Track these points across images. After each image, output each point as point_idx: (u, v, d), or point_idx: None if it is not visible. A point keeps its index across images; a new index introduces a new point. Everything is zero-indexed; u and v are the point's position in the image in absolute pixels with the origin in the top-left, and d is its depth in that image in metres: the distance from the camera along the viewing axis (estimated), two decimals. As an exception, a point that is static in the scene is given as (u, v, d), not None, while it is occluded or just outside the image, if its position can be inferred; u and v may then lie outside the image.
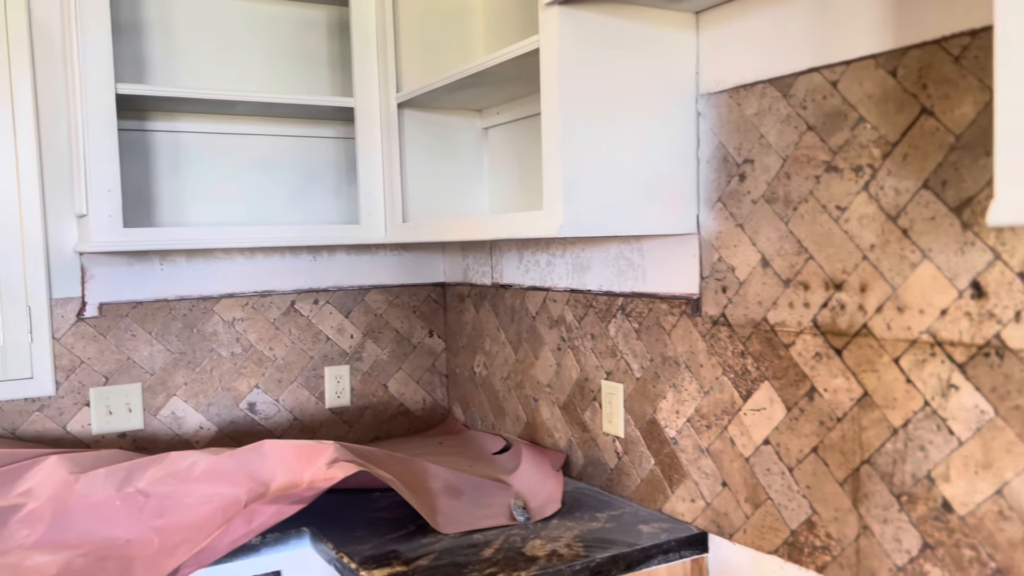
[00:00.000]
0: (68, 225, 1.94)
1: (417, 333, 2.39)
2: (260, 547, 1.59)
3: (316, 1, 2.16)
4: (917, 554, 1.16)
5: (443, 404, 2.44)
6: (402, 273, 2.36)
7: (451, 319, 2.39)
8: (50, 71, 1.90)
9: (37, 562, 1.45)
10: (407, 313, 2.37)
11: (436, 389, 2.43)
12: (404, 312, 2.37)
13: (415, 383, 2.39)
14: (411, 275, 2.38)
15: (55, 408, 1.94)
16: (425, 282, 2.40)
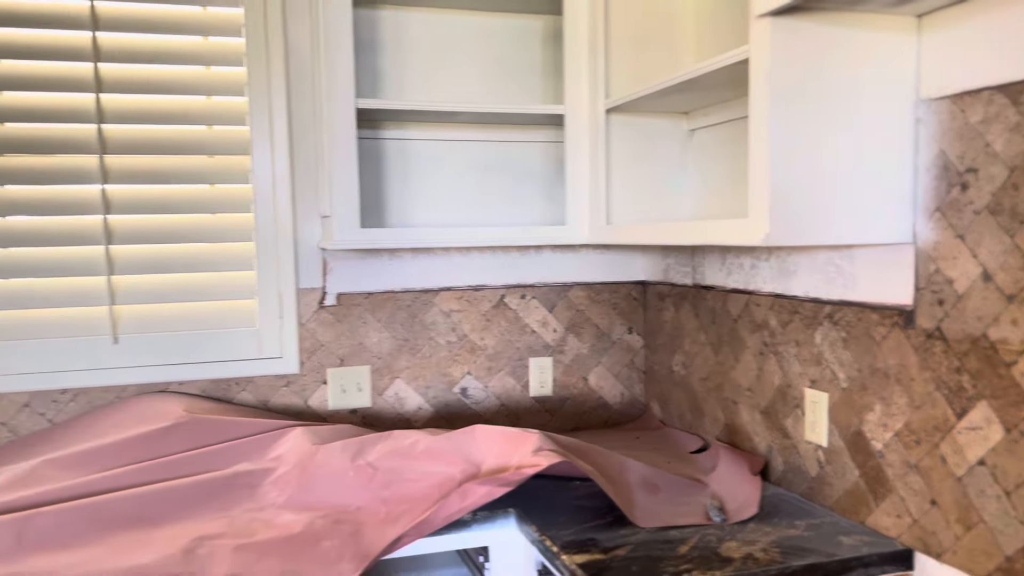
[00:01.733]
0: (313, 224, 2.20)
1: (617, 329, 2.46)
2: (471, 523, 1.73)
3: (532, 12, 2.28)
4: None
5: (640, 400, 2.50)
6: (603, 271, 2.44)
7: (650, 317, 2.44)
8: (300, 88, 2.16)
9: (286, 520, 1.68)
10: (607, 310, 2.45)
11: (634, 385, 2.49)
12: (604, 309, 2.45)
13: (613, 377, 2.47)
14: (612, 273, 2.45)
15: (299, 384, 2.21)
16: (625, 280, 2.46)
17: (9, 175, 1.97)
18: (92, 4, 1.99)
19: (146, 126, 2.05)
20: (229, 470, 1.79)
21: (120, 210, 2.04)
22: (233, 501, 1.74)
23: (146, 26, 2.03)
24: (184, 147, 2.08)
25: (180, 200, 2.09)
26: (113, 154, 2.03)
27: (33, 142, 1.98)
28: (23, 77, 1.97)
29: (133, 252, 2.06)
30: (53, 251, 2.01)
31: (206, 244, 2.12)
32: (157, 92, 2.05)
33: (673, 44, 2.07)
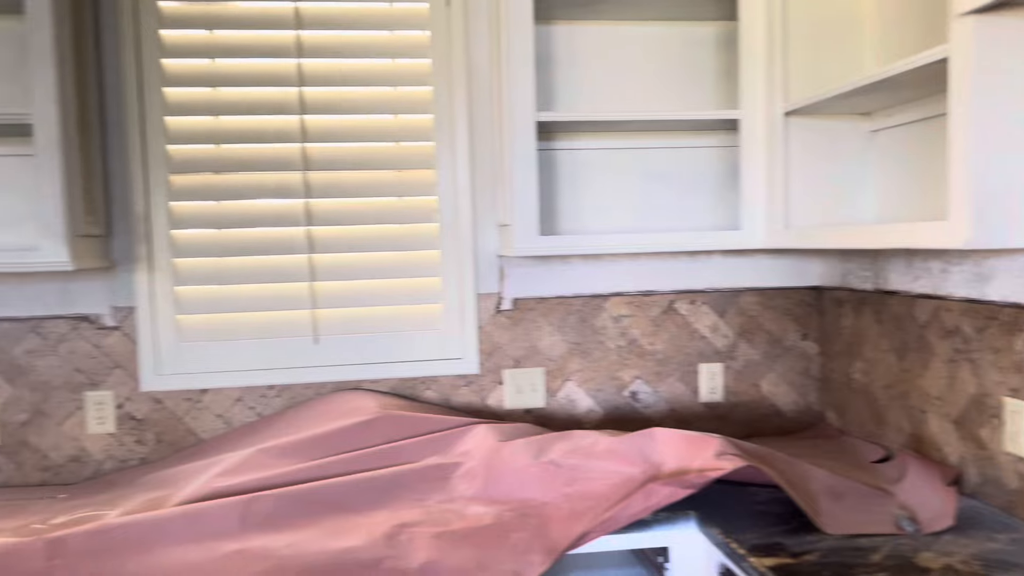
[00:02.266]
0: (490, 232, 2.31)
1: (790, 336, 2.43)
2: (652, 524, 1.77)
3: (704, 19, 2.30)
4: None
5: (815, 408, 2.45)
6: (776, 276, 2.42)
7: (827, 323, 2.39)
8: (480, 103, 2.27)
9: (476, 511, 1.78)
10: (780, 316, 2.42)
11: (808, 392, 2.44)
12: (777, 315, 2.42)
13: (787, 385, 2.43)
14: (785, 278, 2.42)
15: (478, 384, 2.32)
16: (799, 285, 2.43)
17: (227, 191, 2.19)
18: (298, 35, 2.18)
19: (342, 144, 2.23)
20: (421, 463, 1.91)
21: (320, 222, 2.22)
22: (426, 492, 1.86)
23: (342, 51, 2.21)
24: (375, 163, 2.24)
25: (372, 212, 2.25)
26: (314, 171, 2.21)
27: (247, 161, 2.19)
28: (239, 103, 2.18)
29: (331, 260, 2.24)
30: (263, 260, 2.21)
31: (395, 252, 2.27)
32: (351, 112, 2.22)
33: (853, 46, 2.04)
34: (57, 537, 1.63)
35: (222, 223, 2.20)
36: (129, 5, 2.11)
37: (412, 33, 2.25)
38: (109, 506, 1.90)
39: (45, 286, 2.14)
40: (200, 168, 2.18)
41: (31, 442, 2.15)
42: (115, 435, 2.17)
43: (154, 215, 2.16)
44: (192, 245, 2.18)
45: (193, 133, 2.17)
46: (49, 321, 2.14)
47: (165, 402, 2.19)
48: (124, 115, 2.13)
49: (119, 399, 2.17)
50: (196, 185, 2.18)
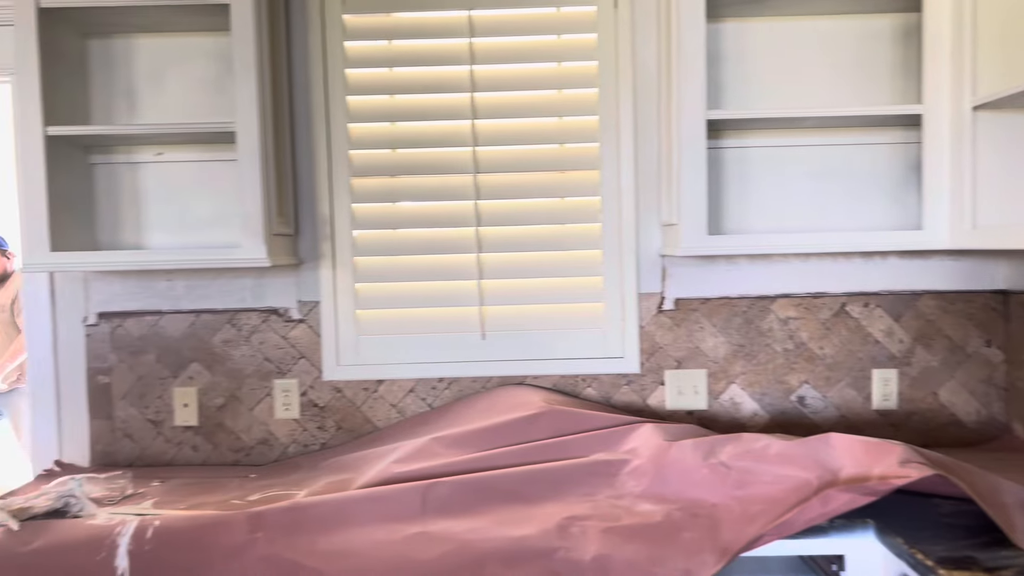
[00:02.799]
0: (652, 232, 2.31)
1: (972, 342, 2.30)
2: (828, 530, 1.73)
3: (882, 11, 2.21)
4: None
5: (1000, 419, 2.31)
6: (957, 279, 2.30)
7: (1014, 329, 2.25)
8: (645, 104, 2.28)
9: (644, 509, 1.79)
10: (961, 321, 2.30)
11: (992, 402, 2.30)
12: (958, 319, 2.30)
13: (968, 393, 2.30)
14: (967, 281, 2.30)
15: (638, 384, 2.33)
16: (983, 289, 2.29)
17: (402, 193, 2.31)
18: (470, 42, 2.27)
19: (510, 147, 2.30)
20: (589, 458, 1.95)
21: (488, 222, 2.30)
22: (595, 487, 1.89)
23: (512, 56, 2.28)
24: (541, 165, 2.30)
25: (537, 212, 2.31)
26: (484, 173, 2.29)
27: (421, 164, 2.30)
28: (414, 109, 2.29)
29: (498, 259, 2.31)
30: (435, 258, 2.31)
31: (558, 252, 2.32)
32: (519, 116, 2.29)
33: (1051, 32, 1.91)
34: (257, 512, 1.78)
35: (398, 223, 2.32)
36: (318, 20, 2.26)
37: (579, 36, 2.29)
38: (296, 487, 2.04)
39: (240, 281, 2.32)
40: (378, 172, 2.31)
41: (226, 425, 2.34)
42: (299, 421, 2.34)
43: (337, 216, 2.30)
44: (371, 244, 2.32)
45: (372, 138, 2.30)
46: (243, 313, 2.33)
47: (344, 391, 2.33)
48: (312, 122, 2.29)
49: (303, 387, 2.33)
50: (374, 188, 2.31)
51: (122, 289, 2.33)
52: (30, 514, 1.81)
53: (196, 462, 2.34)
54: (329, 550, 1.70)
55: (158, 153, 2.28)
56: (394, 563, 1.67)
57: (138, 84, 2.27)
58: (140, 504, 1.96)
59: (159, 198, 2.30)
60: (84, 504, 1.87)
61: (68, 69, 2.17)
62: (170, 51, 2.27)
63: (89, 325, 2.33)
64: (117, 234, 2.30)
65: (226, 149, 2.25)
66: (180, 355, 2.33)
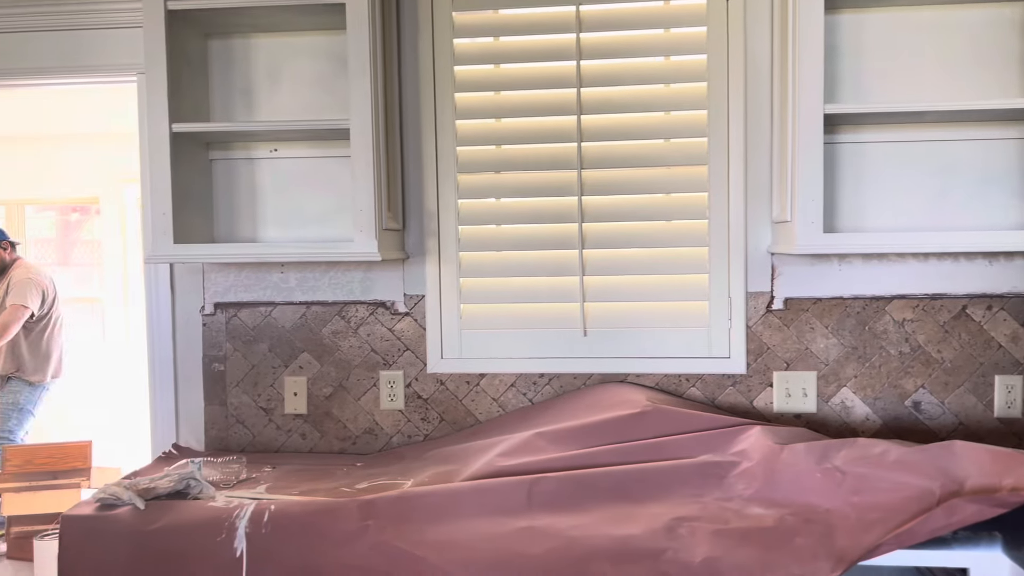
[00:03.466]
0: (762, 229, 2.26)
1: (1108, 349, 2.17)
2: (951, 542, 1.66)
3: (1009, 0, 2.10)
4: None
5: None
6: (1092, 282, 2.16)
7: None
8: (757, 97, 2.23)
9: (755, 512, 1.76)
10: (1096, 326, 2.17)
11: None
12: (1092, 324, 2.17)
13: (1102, 403, 2.17)
14: (1103, 284, 2.16)
15: (744, 385, 2.28)
16: (1121, 293, 2.16)
17: (507, 189, 2.32)
18: (577, 37, 2.27)
19: (615, 143, 2.28)
20: (697, 459, 1.92)
21: (591, 218, 2.29)
22: (703, 488, 1.86)
23: (619, 51, 2.26)
24: (646, 160, 2.27)
25: (641, 208, 2.28)
26: (588, 168, 2.28)
27: (526, 160, 2.31)
28: (520, 105, 2.30)
29: (601, 256, 2.30)
30: (538, 254, 2.32)
31: (663, 248, 2.29)
32: (625, 111, 2.27)
33: None
34: (368, 500, 1.82)
35: (502, 219, 2.33)
36: (428, 18, 2.30)
37: (688, 30, 2.25)
38: (402, 476, 2.08)
39: (350, 275, 2.38)
40: (483, 168, 2.33)
41: (333, 413, 2.40)
42: (403, 412, 2.38)
43: (443, 211, 2.34)
44: (476, 240, 2.34)
45: (478, 135, 2.32)
46: (351, 306, 2.39)
47: (447, 384, 2.37)
48: (421, 119, 2.32)
49: (408, 379, 2.37)
50: (480, 184, 2.33)
51: (237, 281, 2.42)
52: (154, 494, 1.90)
53: (304, 449, 2.42)
54: (437, 540, 1.73)
55: (273, 150, 2.36)
56: (500, 556, 1.68)
57: (255, 82, 2.35)
58: (254, 489, 2.04)
59: (273, 193, 2.38)
60: (204, 486, 1.95)
61: (191, 69, 2.26)
62: (285, 50, 2.34)
63: (206, 315, 2.43)
64: (234, 228, 2.39)
65: (338, 146, 2.31)
66: (291, 345, 2.40)
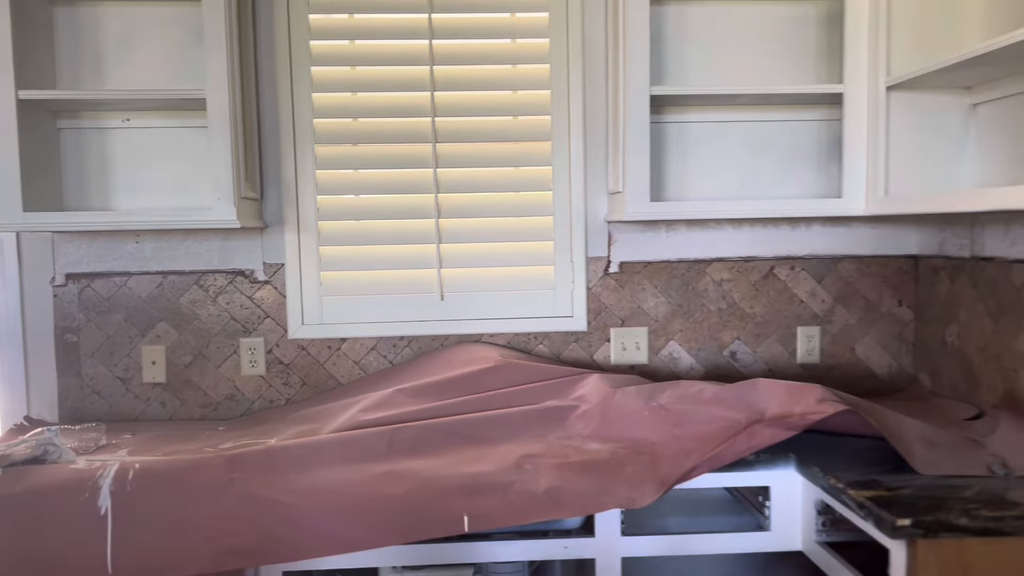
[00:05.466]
0: (600, 200, 2.49)
1: (886, 302, 2.54)
2: (754, 464, 1.94)
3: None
4: None
5: (909, 371, 2.56)
6: (874, 245, 2.53)
7: (922, 290, 2.49)
8: (594, 79, 2.45)
9: (592, 448, 1.97)
10: (877, 283, 2.53)
11: (902, 356, 2.55)
12: (874, 281, 2.53)
13: (882, 348, 2.55)
14: (882, 247, 2.53)
15: (586, 341, 2.51)
16: (896, 254, 2.53)
17: (365, 161, 2.43)
18: (429, 17, 2.40)
19: (467, 118, 2.44)
20: (542, 405, 2.12)
21: (446, 189, 2.44)
22: (547, 430, 2.07)
23: (469, 32, 2.41)
24: (495, 135, 2.44)
25: (492, 181, 2.45)
26: (442, 142, 2.43)
27: (382, 134, 2.42)
28: (375, 80, 2.41)
29: (455, 225, 2.46)
30: (396, 223, 2.45)
31: (512, 218, 2.47)
32: (475, 89, 2.43)
33: (955, 21, 2.13)
34: (234, 455, 1.90)
35: (360, 190, 2.44)
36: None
37: (532, 15, 2.43)
38: (266, 436, 2.16)
39: (207, 244, 2.42)
40: (341, 140, 2.42)
41: (193, 381, 2.44)
42: (265, 377, 2.45)
43: (301, 181, 2.42)
44: (335, 209, 2.43)
45: (335, 108, 2.42)
46: (209, 275, 2.43)
47: (308, 349, 2.46)
48: (277, 90, 2.39)
49: (269, 345, 2.45)
50: (337, 155, 2.43)
51: (89, 251, 2.40)
52: (10, 461, 1.89)
53: (164, 417, 2.44)
54: (303, 488, 1.84)
55: (126, 119, 2.36)
56: (364, 498, 1.81)
57: (105, 51, 2.34)
58: (115, 453, 2.06)
59: (126, 163, 2.38)
60: (63, 451, 1.96)
61: (36, 35, 2.22)
62: (136, 19, 2.34)
63: (57, 286, 2.40)
64: (84, 198, 2.37)
65: (194, 116, 2.34)
66: (148, 315, 2.42)
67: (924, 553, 1.51)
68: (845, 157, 2.24)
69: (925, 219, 2.47)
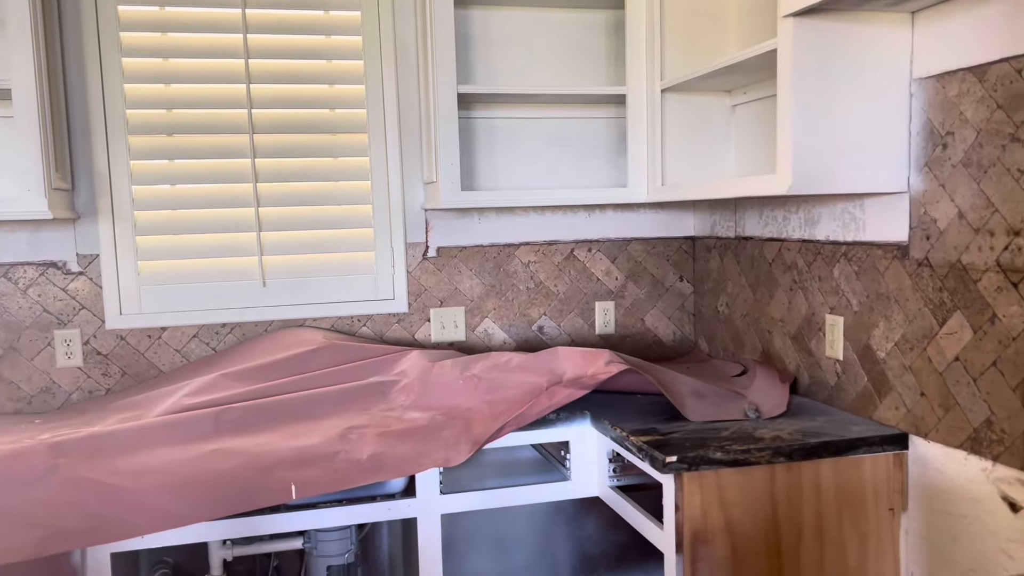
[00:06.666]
0: (417, 189, 2.66)
1: (669, 278, 2.89)
2: (555, 422, 2.19)
3: (597, 7, 2.69)
4: (1070, 442, 1.48)
5: (690, 338, 2.92)
6: (658, 228, 2.86)
7: (699, 267, 2.86)
8: (407, 76, 2.61)
9: (412, 416, 2.15)
10: (661, 261, 2.88)
11: (684, 325, 2.91)
12: (659, 260, 2.87)
13: (667, 319, 2.90)
14: (666, 230, 2.87)
15: (407, 321, 2.68)
16: (677, 236, 2.88)
17: (180, 151, 2.46)
18: (244, 11, 2.47)
19: (284, 110, 2.53)
20: (365, 381, 2.27)
21: (265, 179, 2.52)
22: (371, 403, 2.22)
23: (284, 27, 2.50)
24: (313, 127, 2.55)
25: (311, 170, 2.56)
26: (260, 133, 2.51)
27: (198, 124, 2.47)
28: (190, 72, 2.45)
29: (276, 213, 2.54)
30: (215, 212, 2.50)
31: (333, 207, 2.59)
32: (291, 81, 2.52)
33: (718, 34, 2.47)
34: (57, 442, 1.91)
35: (177, 180, 2.47)
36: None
37: (345, 13, 2.56)
38: (86, 426, 2.17)
39: (14, 235, 2.37)
40: (154, 131, 2.44)
41: (4, 375, 2.39)
42: (83, 368, 2.44)
43: (115, 172, 2.41)
44: (151, 199, 2.45)
45: (148, 99, 2.43)
46: (18, 267, 2.38)
47: (128, 339, 2.46)
48: (87, 81, 2.37)
49: (86, 336, 2.43)
50: (152, 146, 2.45)
51: None
52: None
53: (-29, 415, 2.37)
54: (130, 469, 1.88)
55: (-83, 106, 2.26)
56: (193, 474, 1.88)
57: None
58: (-79, 451, 2.00)
59: (-81, 152, 2.28)
60: None
61: None
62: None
63: None
64: None
65: None
66: (-51, 310, 2.34)
67: (688, 483, 1.81)
68: (629, 151, 2.54)
69: (699, 205, 2.84)
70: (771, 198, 2.39)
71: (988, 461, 1.67)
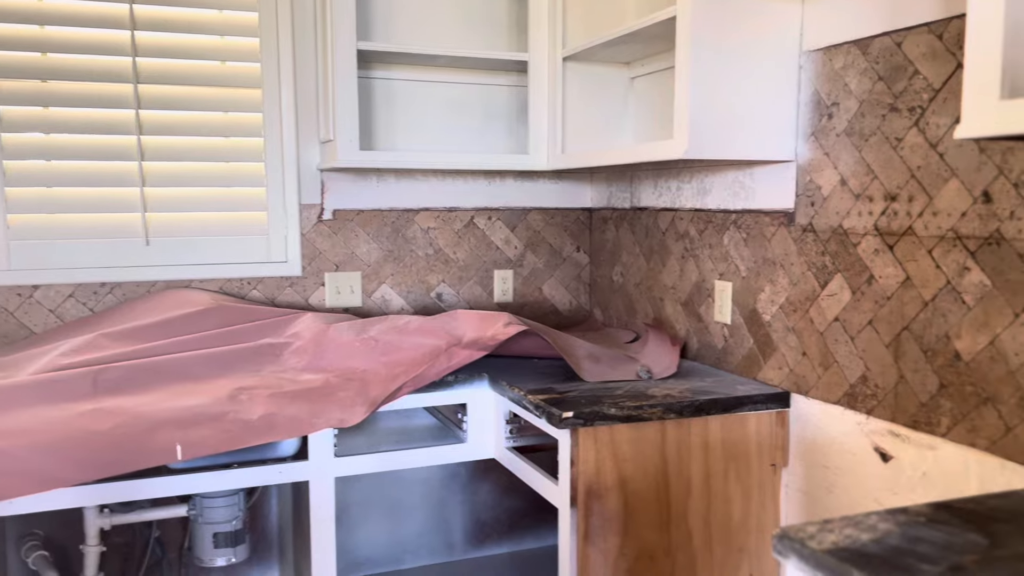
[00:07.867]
0: (313, 149, 2.58)
1: (567, 248, 2.92)
2: (453, 384, 2.18)
3: (500, -26, 2.69)
4: (936, 392, 1.59)
5: (585, 307, 2.97)
6: (557, 198, 2.89)
7: (595, 237, 2.91)
8: (304, 32, 2.53)
9: (306, 378, 2.10)
10: (559, 231, 2.91)
11: (581, 294, 2.96)
12: (557, 230, 2.90)
13: (564, 288, 2.93)
14: (564, 200, 2.90)
15: (300, 285, 2.61)
16: (575, 206, 2.92)
17: (55, 98, 2.31)
18: (129, -47, 2.33)
19: (171, 60, 2.40)
20: (256, 343, 2.20)
21: (150, 132, 2.39)
22: (261, 365, 2.15)
23: (174, -26, 2.38)
24: (203, 79, 2.44)
25: (200, 124, 2.45)
26: (144, 83, 2.38)
27: (77, 71, 2.31)
28: (68, 14, 2.30)
29: (162, 168, 2.42)
30: (94, 165, 2.35)
31: (223, 163, 2.49)
32: (180, 31, 2.40)
33: (620, 4, 2.51)
34: (-89, 402, 1.77)
35: (52, 129, 2.31)
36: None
37: (241, -38, 2.45)
38: (-54, 388, 2.01)
39: None
40: (28, 75, 2.28)
41: None
42: (-58, 329, 2.26)
43: (-18, 116, 2.24)
44: (23, 148, 2.29)
45: (20, 40, 2.26)
46: None
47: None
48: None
49: (-54, 294, 2.25)
50: (24, 91, 2.28)
51: None
52: None
53: None
54: (2, 429, 1.76)
55: None
56: (69, 434, 1.78)
57: None
58: None
59: None
60: None
61: None
62: None
63: None
64: None
65: None
66: None
67: (583, 438, 1.84)
68: (531, 118, 2.55)
69: (596, 177, 2.88)
70: (665, 169, 2.45)
71: (863, 415, 1.77)
